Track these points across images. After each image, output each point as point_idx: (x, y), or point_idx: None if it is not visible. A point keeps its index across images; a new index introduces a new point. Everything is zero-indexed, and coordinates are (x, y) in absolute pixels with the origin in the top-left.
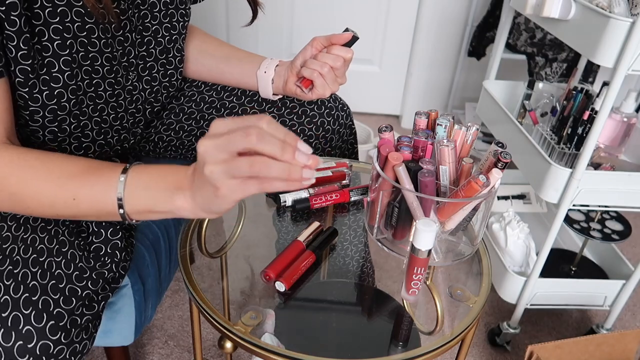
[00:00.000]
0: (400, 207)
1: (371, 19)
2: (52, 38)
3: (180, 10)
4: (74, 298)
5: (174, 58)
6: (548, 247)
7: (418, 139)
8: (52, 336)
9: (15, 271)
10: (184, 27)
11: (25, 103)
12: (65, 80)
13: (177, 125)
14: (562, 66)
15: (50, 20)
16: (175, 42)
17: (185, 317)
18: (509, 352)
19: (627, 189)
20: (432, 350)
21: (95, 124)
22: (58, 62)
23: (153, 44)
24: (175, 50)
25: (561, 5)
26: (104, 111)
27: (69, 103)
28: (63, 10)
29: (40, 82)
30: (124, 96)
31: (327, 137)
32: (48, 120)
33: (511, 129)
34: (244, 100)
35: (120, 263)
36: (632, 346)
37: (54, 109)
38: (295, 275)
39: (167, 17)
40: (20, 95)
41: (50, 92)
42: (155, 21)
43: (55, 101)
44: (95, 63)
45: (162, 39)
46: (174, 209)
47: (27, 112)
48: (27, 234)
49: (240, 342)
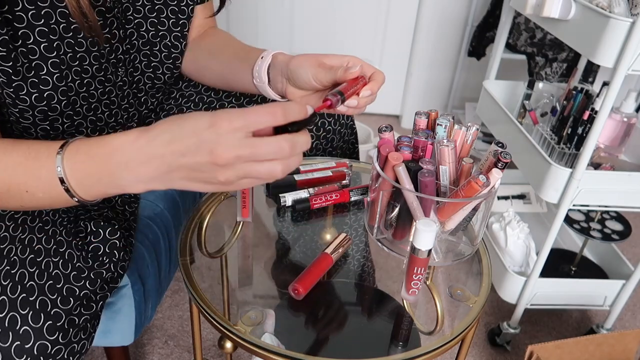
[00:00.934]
0: (400, 207)
1: (371, 19)
2: (37, 41)
3: (170, 7)
4: (72, 298)
5: (159, 52)
6: (548, 247)
7: (418, 139)
8: (50, 336)
9: (13, 271)
10: (176, 25)
11: (13, 102)
12: (54, 83)
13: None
14: (562, 66)
15: (35, 23)
16: (163, 37)
17: (185, 317)
18: (509, 352)
19: (627, 189)
20: (432, 350)
21: (90, 123)
22: (46, 64)
23: (135, 36)
24: (163, 45)
25: (561, 5)
26: (97, 109)
27: (60, 104)
28: (47, 12)
29: (29, 85)
30: (115, 93)
31: (327, 138)
32: (39, 119)
33: (511, 129)
34: (243, 101)
35: (118, 263)
36: (632, 346)
37: (44, 110)
38: None
39: (154, 12)
40: (8, 94)
41: (40, 95)
42: (139, 14)
43: (45, 103)
44: (84, 63)
45: (146, 32)
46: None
47: (17, 109)
48: (24, 234)
49: (240, 342)
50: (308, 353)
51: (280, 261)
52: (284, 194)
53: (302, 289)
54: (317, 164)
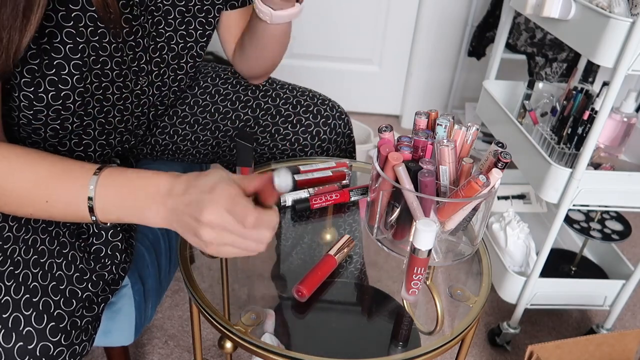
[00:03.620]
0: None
1: (371, 19)
2: (64, 41)
3: (198, 19)
4: (74, 300)
5: (186, 64)
6: (548, 247)
7: (418, 139)
8: (52, 338)
9: (16, 272)
10: (202, 36)
11: (29, 103)
12: (73, 83)
13: (172, 130)
14: (562, 66)
15: (64, 24)
16: (190, 49)
17: (185, 317)
18: (509, 352)
19: (627, 189)
20: (432, 350)
21: (99, 125)
22: (68, 64)
23: (166, 50)
24: (189, 56)
25: (561, 5)
26: (110, 113)
27: (74, 104)
28: (77, 15)
29: (47, 82)
30: (131, 99)
31: (323, 147)
32: (51, 119)
33: (511, 129)
34: (238, 106)
35: (120, 265)
36: (632, 346)
37: (58, 109)
38: None
39: (183, 25)
40: (25, 96)
41: (57, 93)
42: (170, 28)
43: (60, 102)
44: (105, 67)
45: (176, 45)
46: (144, 223)
47: (31, 112)
48: (28, 235)
49: (240, 342)
50: (308, 353)
51: (280, 261)
52: (284, 194)
53: (305, 291)
54: (317, 164)
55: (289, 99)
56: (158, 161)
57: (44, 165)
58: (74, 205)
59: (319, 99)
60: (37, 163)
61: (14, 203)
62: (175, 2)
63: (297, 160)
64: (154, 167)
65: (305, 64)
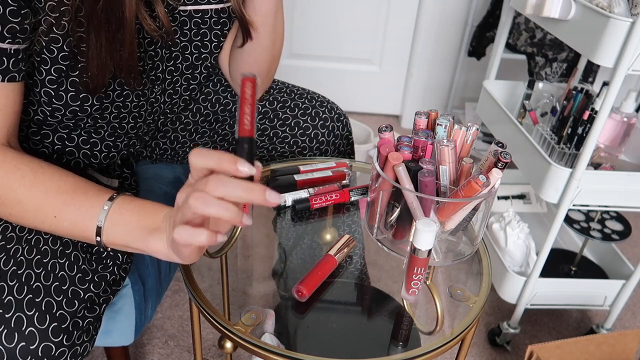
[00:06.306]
0: (400, 207)
1: (371, 19)
2: None
3: (214, 31)
4: (77, 300)
5: (199, 74)
6: (548, 247)
7: (418, 139)
8: (55, 338)
9: (19, 272)
10: (217, 47)
11: (49, 100)
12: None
13: (172, 135)
14: (562, 66)
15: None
16: (204, 60)
17: (185, 317)
18: (509, 352)
19: (627, 189)
20: (432, 350)
21: (111, 128)
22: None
23: (180, 59)
24: (203, 67)
25: (561, 5)
26: (124, 119)
27: (92, 107)
28: None
29: (68, 83)
30: (146, 107)
31: (321, 149)
32: (66, 118)
33: (511, 129)
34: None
35: (121, 265)
36: (632, 346)
37: (75, 110)
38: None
39: (199, 36)
40: (47, 92)
41: (76, 95)
42: (185, 38)
43: (78, 103)
44: None
45: (190, 55)
46: (147, 250)
47: (50, 108)
48: (31, 235)
49: (240, 342)
50: (308, 353)
51: (280, 261)
52: (284, 194)
53: (305, 291)
54: (317, 164)
55: (286, 101)
56: (157, 164)
57: (60, 182)
58: (82, 226)
59: (317, 101)
60: (53, 179)
61: (19, 214)
62: (192, 14)
63: (297, 160)
64: (154, 168)
65: (305, 64)
